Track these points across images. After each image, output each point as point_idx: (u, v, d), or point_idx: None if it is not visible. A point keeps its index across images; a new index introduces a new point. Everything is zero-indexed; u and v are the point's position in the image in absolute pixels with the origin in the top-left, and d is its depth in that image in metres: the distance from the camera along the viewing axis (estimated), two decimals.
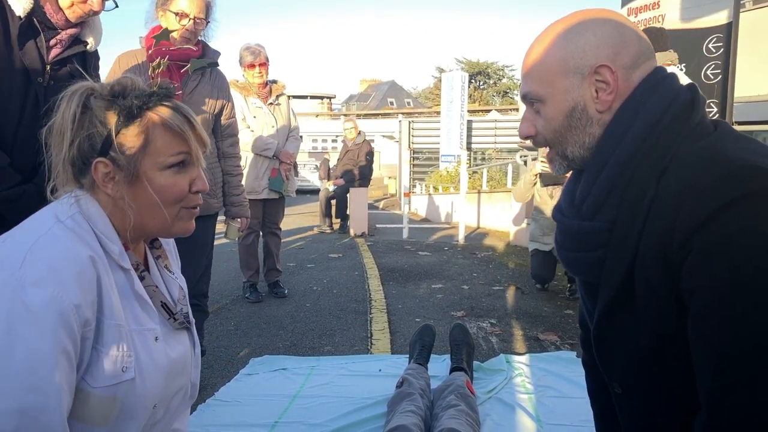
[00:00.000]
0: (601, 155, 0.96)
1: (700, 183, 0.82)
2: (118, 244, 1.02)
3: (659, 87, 0.94)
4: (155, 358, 1.04)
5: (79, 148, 1.01)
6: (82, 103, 1.01)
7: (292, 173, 4.23)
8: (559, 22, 1.01)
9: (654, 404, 0.97)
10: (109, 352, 0.95)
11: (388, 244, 6.84)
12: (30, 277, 0.88)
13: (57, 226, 0.96)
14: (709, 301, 0.80)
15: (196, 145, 1.06)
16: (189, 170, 1.06)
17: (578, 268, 1.05)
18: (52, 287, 0.88)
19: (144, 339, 1.03)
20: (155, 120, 1.02)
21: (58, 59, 1.80)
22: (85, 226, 0.99)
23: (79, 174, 1.03)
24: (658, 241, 0.86)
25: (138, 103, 1.01)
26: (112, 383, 0.95)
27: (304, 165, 22.08)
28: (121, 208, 1.02)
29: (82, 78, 1.89)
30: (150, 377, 1.02)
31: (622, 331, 0.97)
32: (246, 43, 3.95)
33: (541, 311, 3.69)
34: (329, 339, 3.16)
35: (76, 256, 0.93)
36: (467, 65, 42.16)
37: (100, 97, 1.02)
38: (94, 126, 1.00)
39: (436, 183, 16.06)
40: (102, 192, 1.02)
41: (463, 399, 2.02)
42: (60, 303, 0.88)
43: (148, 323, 1.05)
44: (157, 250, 1.20)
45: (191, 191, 1.07)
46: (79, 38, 1.86)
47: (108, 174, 1.01)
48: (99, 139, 1.00)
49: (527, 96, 1.03)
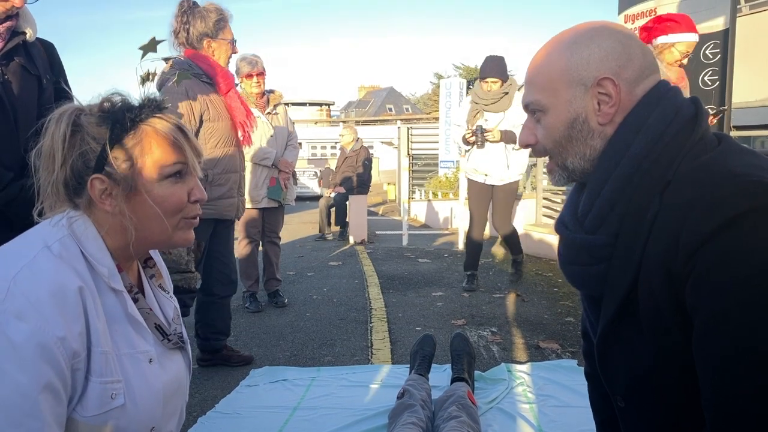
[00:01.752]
0: (603, 169, 0.96)
1: (704, 198, 0.81)
2: (108, 266, 1.00)
3: (662, 101, 0.94)
4: (149, 381, 1.02)
5: (72, 168, 0.99)
6: (72, 122, 1.00)
7: (291, 182, 4.23)
8: (565, 33, 1.01)
9: (657, 419, 0.96)
10: (96, 380, 0.94)
11: (388, 252, 6.83)
12: (13, 309, 0.86)
13: (42, 253, 0.94)
14: (712, 316, 0.80)
15: (191, 155, 1.05)
16: (186, 180, 1.06)
17: (581, 282, 1.04)
18: (34, 320, 0.86)
19: (137, 362, 1.01)
20: (149, 131, 1.01)
21: (3, 53, 1.83)
22: (73, 249, 0.97)
23: (74, 194, 1.01)
24: (662, 257, 0.85)
25: (131, 116, 1.00)
26: (101, 411, 0.94)
27: (303, 172, 22.07)
28: (121, 225, 1.01)
29: (35, 69, 1.91)
30: (143, 401, 1.00)
31: (625, 345, 0.97)
32: (243, 53, 3.97)
33: (542, 319, 3.68)
34: (329, 349, 3.15)
35: (61, 286, 0.91)
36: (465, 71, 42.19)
37: (90, 114, 1.01)
38: (86, 143, 0.99)
39: (435, 189, 16.05)
40: (99, 210, 1.01)
41: (464, 410, 2.01)
42: (43, 336, 0.86)
43: (142, 345, 1.03)
44: (150, 270, 1.18)
45: (190, 201, 1.06)
46: (17, 30, 1.88)
47: (105, 190, 0.99)
48: (93, 156, 0.99)
49: (529, 105, 1.03)
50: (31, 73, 1.94)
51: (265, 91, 4.07)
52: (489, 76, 4.15)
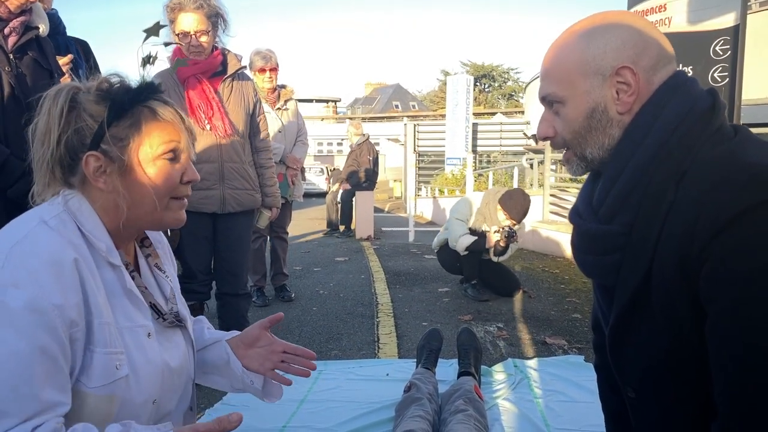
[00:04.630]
0: (620, 158, 0.96)
1: (720, 188, 0.81)
2: (106, 241, 1.02)
3: (680, 90, 0.94)
4: (148, 355, 1.04)
5: (67, 145, 1.01)
6: (69, 99, 1.01)
7: (299, 178, 4.24)
8: (579, 24, 1.00)
9: (668, 409, 0.96)
10: (101, 351, 0.95)
11: (394, 248, 6.83)
12: (10, 278, 0.88)
13: (40, 226, 0.96)
14: (727, 306, 0.79)
15: (186, 137, 1.08)
16: (180, 161, 1.07)
17: (594, 271, 1.04)
18: (31, 288, 0.88)
19: (136, 336, 1.03)
20: (146, 112, 1.03)
21: (18, 46, 1.86)
22: (70, 225, 0.99)
23: (69, 172, 1.03)
24: (677, 246, 0.85)
25: (129, 96, 1.02)
26: (107, 382, 0.96)
27: (310, 168, 22.13)
28: (114, 204, 1.02)
29: (47, 63, 1.94)
30: (144, 373, 1.02)
31: (637, 335, 0.97)
32: (256, 47, 3.96)
33: (549, 315, 3.67)
34: (336, 343, 3.16)
35: (58, 257, 0.92)
36: (472, 68, 42.16)
37: (88, 93, 1.03)
38: (82, 120, 1.01)
39: (442, 186, 16.05)
40: (93, 187, 1.03)
41: (471, 404, 2.02)
42: (39, 303, 0.88)
43: (141, 320, 1.05)
44: (147, 249, 1.20)
45: (182, 182, 1.08)
46: (30, 25, 1.91)
47: (99, 167, 1.01)
48: (89, 133, 1.00)
49: (547, 97, 1.03)
50: (43, 67, 1.97)
51: (276, 86, 4.08)
52: (514, 218, 3.95)
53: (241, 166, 2.68)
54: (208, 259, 2.74)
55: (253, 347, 1.29)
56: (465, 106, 18.40)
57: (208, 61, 2.56)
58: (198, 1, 2.45)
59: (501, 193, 4.04)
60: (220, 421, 0.90)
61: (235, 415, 0.90)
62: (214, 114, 2.56)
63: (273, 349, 1.29)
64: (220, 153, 2.61)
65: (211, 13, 2.50)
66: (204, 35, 2.49)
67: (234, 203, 2.66)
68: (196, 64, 2.53)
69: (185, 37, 2.48)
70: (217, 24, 2.56)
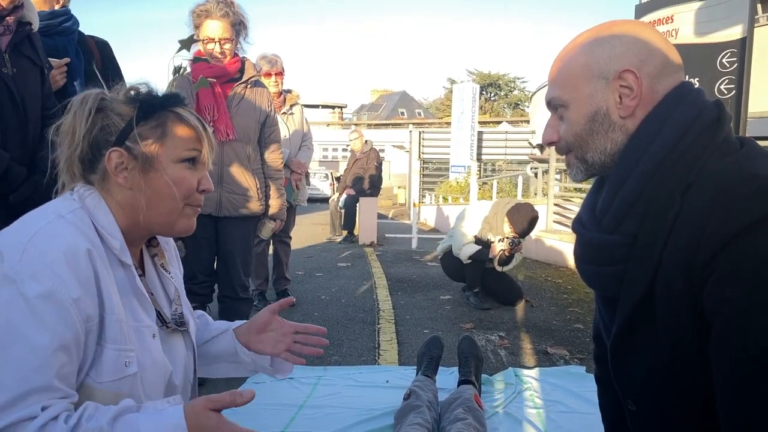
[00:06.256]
0: (624, 166, 0.95)
1: (726, 200, 0.80)
2: (119, 240, 1.03)
3: (686, 100, 0.93)
4: (153, 355, 1.05)
5: (91, 141, 1.03)
6: (97, 101, 1.04)
7: (304, 182, 4.24)
8: (587, 31, 1.01)
9: (668, 423, 0.95)
10: (112, 347, 0.96)
11: (397, 254, 6.82)
12: (29, 270, 0.88)
13: (57, 220, 0.97)
14: (732, 319, 0.79)
15: (207, 147, 1.10)
16: (198, 169, 1.10)
17: (597, 282, 1.03)
18: (50, 281, 0.88)
19: (141, 335, 1.04)
20: (172, 117, 1.07)
21: (12, 45, 1.83)
22: (86, 220, 1.00)
23: (89, 169, 1.05)
24: (682, 258, 0.84)
25: (158, 101, 1.06)
26: (116, 378, 0.96)
27: (315, 174, 22.14)
28: (131, 202, 1.04)
29: (38, 60, 1.91)
30: (149, 373, 1.03)
31: (639, 347, 0.96)
32: (262, 52, 3.99)
33: (550, 325, 3.65)
34: (337, 349, 3.15)
35: (75, 250, 0.93)
36: (478, 77, 42.23)
37: (117, 96, 1.07)
38: (109, 119, 1.04)
39: (446, 193, 16.05)
40: (113, 184, 1.04)
41: (471, 412, 2.01)
42: (58, 296, 0.89)
43: (146, 320, 1.06)
44: (154, 248, 1.21)
45: (198, 189, 1.10)
46: (22, 20, 1.88)
47: (121, 163, 1.03)
48: (114, 130, 1.03)
49: (552, 102, 1.03)
50: (35, 64, 1.93)
51: (282, 90, 4.09)
52: (518, 232, 3.95)
53: (243, 171, 2.67)
54: (209, 261, 2.74)
55: (265, 332, 1.31)
56: (470, 114, 18.43)
57: (226, 67, 2.61)
58: (224, 9, 2.49)
59: (510, 205, 4.03)
60: (232, 394, 0.91)
61: (248, 391, 0.91)
62: (218, 117, 2.58)
63: (284, 331, 1.32)
64: (221, 156, 2.62)
65: (235, 21, 2.56)
66: (228, 43, 2.55)
67: (230, 207, 2.66)
68: (213, 68, 2.58)
69: (208, 43, 2.53)
70: (239, 32, 2.61)
